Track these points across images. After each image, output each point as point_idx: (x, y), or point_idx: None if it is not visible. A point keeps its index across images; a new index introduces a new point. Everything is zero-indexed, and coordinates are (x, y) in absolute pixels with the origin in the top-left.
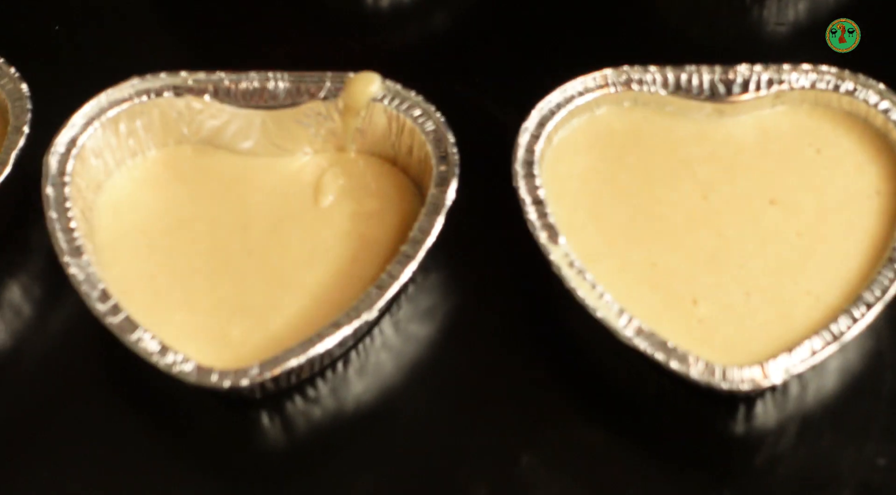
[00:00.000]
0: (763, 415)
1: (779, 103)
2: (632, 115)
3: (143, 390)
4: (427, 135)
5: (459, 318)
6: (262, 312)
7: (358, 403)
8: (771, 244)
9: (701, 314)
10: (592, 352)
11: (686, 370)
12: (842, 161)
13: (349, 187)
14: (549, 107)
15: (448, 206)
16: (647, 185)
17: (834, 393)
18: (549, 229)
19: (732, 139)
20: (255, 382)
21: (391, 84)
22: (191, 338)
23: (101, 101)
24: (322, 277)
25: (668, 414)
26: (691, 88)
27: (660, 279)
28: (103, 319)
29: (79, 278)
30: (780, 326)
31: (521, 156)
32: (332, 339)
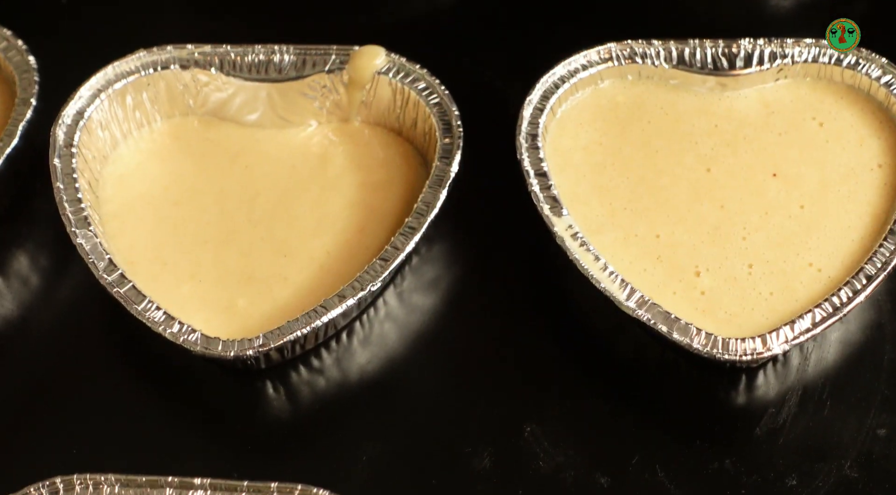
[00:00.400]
0: (764, 386)
1: (781, 77)
2: (635, 88)
3: (149, 360)
4: (432, 108)
5: (463, 289)
6: (269, 282)
7: (362, 373)
8: (773, 216)
9: (703, 285)
10: (595, 323)
11: (688, 341)
12: (844, 134)
13: (356, 157)
14: (553, 80)
15: (452, 179)
16: (651, 158)
17: (835, 365)
18: (552, 201)
19: (735, 112)
20: (259, 352)
21: (396, 57)
22: (197, 308)
23: (108, 73)
24: (329, 247)
25: (670, 385)
26: (694, 62)
27: (663, 251)
28: (110, 289)
29: (86, 248)
30: (782, 298)
31: (525, 129)
32: (337, 310)
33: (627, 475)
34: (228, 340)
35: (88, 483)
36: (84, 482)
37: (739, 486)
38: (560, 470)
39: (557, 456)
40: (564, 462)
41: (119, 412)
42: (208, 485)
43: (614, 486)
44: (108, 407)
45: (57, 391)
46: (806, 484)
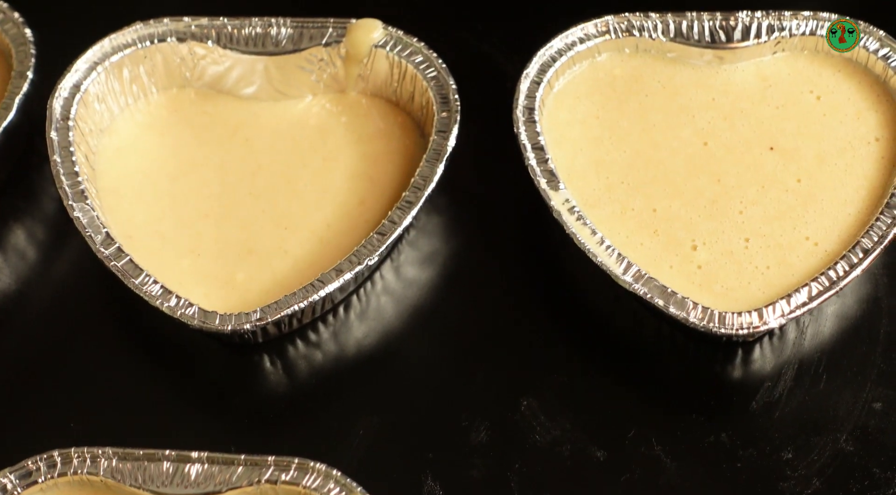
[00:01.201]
0: (761, 360)
1: (779, 50)
2: (632, 61)
3: (146, 333)
4: (429, 81)
5: (460, 263)
6: (269, 256)
7: (359, 347)
8: (770, 190)
9: (700, 259)
10: (592, 297)
11: (685, 315)
12: (841, 107)
13: (355, 128)
14: (551, 53)
15: (449, 153)
16: (648, 132)
17: (831, 338)
18: (549, 175)
19: (733, 86)
20: (256, 326)
21: (393, 30)
22: (196, 282)
23: (105, 46)
24: (330, 219)
25: (667, 359)
26: (692, 35)
27: (659, 225)
28: (107, 263)
29: (83, 222)
30: (779, 272)
31: (522, 103)
32: (334, 284)
33: (624, 448)
34: (226, 314)
35: (86, 456)
36: (81, 455)
37: (735, 459)
38: (557, 444)
39: (554, 429)
40: (561, 435)
41: (116, 386)
42: (205, 459)
43: (611, 460)
44: (105, 381)
45: (54, 365)
46: (802, 457)
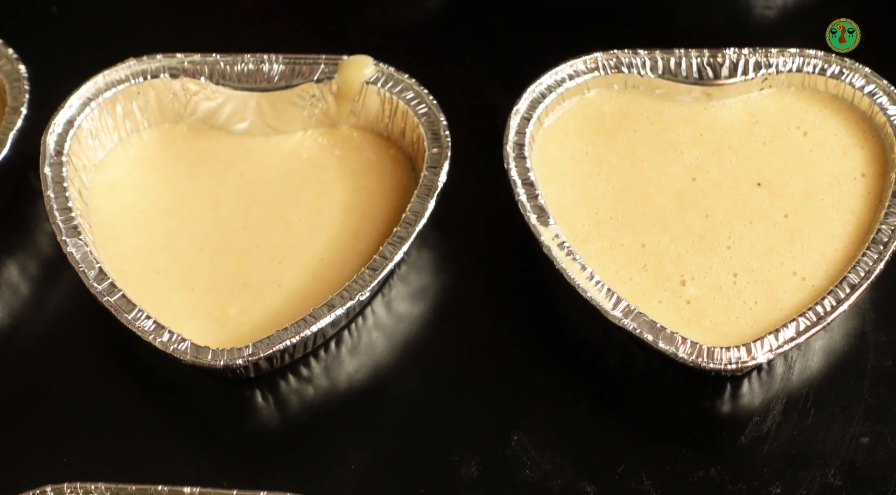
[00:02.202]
0: (749, 394)
1: (766, 86)
2: (621, 97)
3: (139, 368)
4: (420, 117)
5: (451, 298)
6: (262, 289)
7: (350, 382)
8: (758, 225)
9: (689, 294)
10: (582, 331)
11: (674, 350)
12: (828, 143)
13: (347, 162)
14: (540, 89)
15: (440, 189)
16: (637, 167)
17: (819, 373)
18: (539, 210)
19: (720, 122)
20: (248, 361)
21: (384, 67)
22: (189, 316)
23: (98, 82)
24: (323, 253)
25: (656, 393)
26: (680, 72)
27: (648, 260)
28: (100, 298)
29: (76, 257)
30: (767, 307)
31: (512, 138)
32: (325, 320)
33: (614, 483)
34: (218, 349)
35: (79, 491)
36: (74, 491)
37: (725, 494)
38: (547, 479)
39: (544, 464)
40: (551, 470)
41: (109, 420)
42: (198, 494)
43: (601, 494)
44: (98, 416)
45: (47, 399)
46: (790, 491)
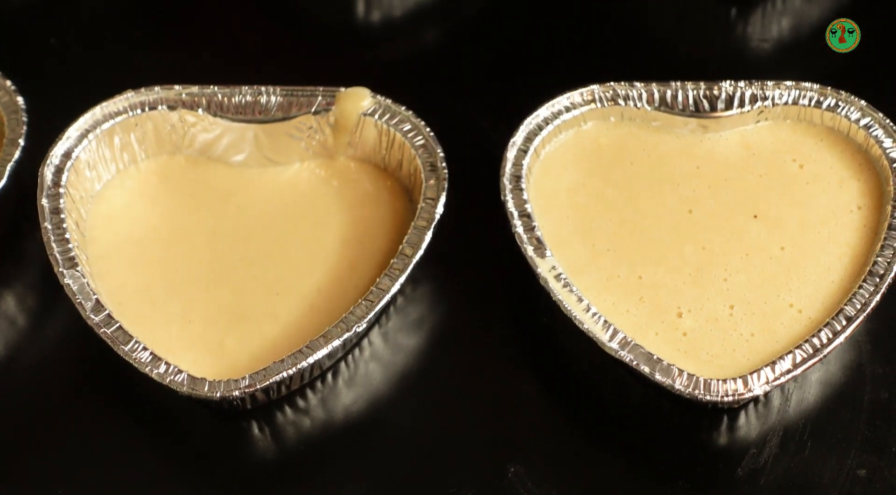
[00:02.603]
0: (746, 426)
1: (762, 119)
2: (618, 129)
3: (135, 400)
4: (417, 149)
5: (447, 330)
6: (259, 321)
7: (347, 414)
8: (754, 258)
9: (685, 326)
10: (579, 363)
11: (671, 382)
12: (824, 176)
13: (345, 193)
14: (537, 121)
15: (437, 221)
16: (633, 199)
17: (816, 405)
18: (536, 242)
19: (717, 154)
20: (245, 393)
21: (382, 99)
22: (185, 348)
23: (96, 113)
24: (321, 285)
25: (652, 425)
26: (676, 104)
27: (645, 292)
28: (97, 330)
29: (73, 289)
30: (763, 339)
31: (509, 170)
32: (322, 351)
33: None
34: (214, 381)
35: None
36: None
37: None
38: None
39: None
40: None
41: (105, 452)
42: None
43: None
44: (94, 448)
45: (42, 431)
46: None
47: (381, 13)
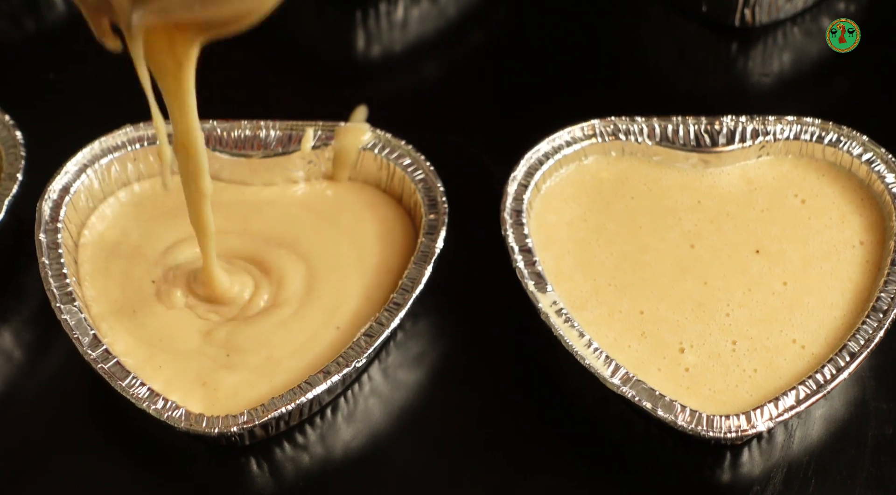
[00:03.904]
0: (749, 463)
1: (763, 154)
2: (619, 164)
3: (132, 436)
4: (417, 183)
5: (448, 365)
6: None
7: (346, 450)
8: (756, 293)
9: (688, 362)
10: (580, 399)
11: (673, 418)
12: (826, 211)
13: (346, 212)
14: (538, 156)
15: (437, 255)
16: (635, 234)
17: (820, 442)
18: (537, 277)
19: (718, 189)
20: (243, 429)
21: (381, 133)
22: (183, 383)
23: (95, 148)
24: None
25: (655, 462)
26: (677, 139)
27: (647, 327)
28: (94, 365)
29: (70, 324)
30: (766, 375)
31: (509, 205)
32: (321, 387)
33: None
34: (213, 417)
35: None
36: None
37: None
38: None
39: None
40: None
41: (101, 489)
42: None
43: None
44: (91, 484)
45: (38, 467)
46: None
47: (381, 47)
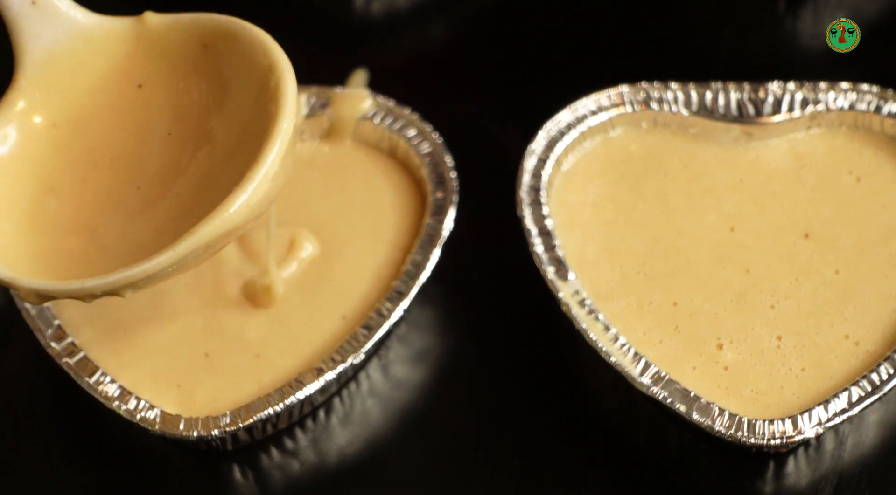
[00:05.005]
0: (795, 474)
1: (814, 126)
2: (650, 137)
3: (101, 439)
4: (423, 158)
5: (456, 362)
6: None
7: (342, 456)
8: (805, 283)
9: (726, 360)
10: (605, 401)
11: (710, 422)
12: (884, 191)
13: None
14: (559, 127)
15: (445, 239)
16: (668, 216)
17: (874, 450)
18: (557, 264)
19: (762, 165)
20: (226, 432)
21: (383, 100)
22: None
23: None
24: None
25: (689, 472)
26: (717, 108)
27: (681, 321)
28: (58, 359)
29: (31, 313)
30: (815, 374)
31: (526, 182)
32: (314, 386)
33: None
34: (191, 418)
35: None
36: None
37: None
38: None
39: None
40: None
41: None
42: None
43: None
44: (57, 492)
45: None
46: None
47: (382, 4)
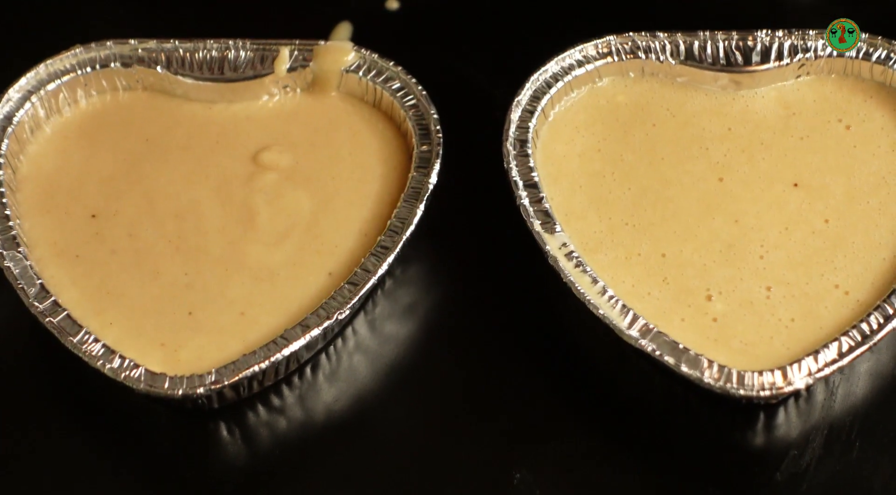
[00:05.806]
0: (785, 425)
1: (803, 73)
2: (638, 86)
3: (86, 398)
4: (407, 110)
5: (443, 317)
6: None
7: (329, 413)
8: (794, 232)
9: (715, 311)
10: (593, 354)
11: (699, 374)
12: (873, 138)
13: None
14: (545, 78)
15: (430, 192)
16: (655, 166)
17: (865, 400)
18: (544, 216)
19: (751, 114)
20: (211, 390)
21: (367, 53)
22: (142, 338)
23: (40, 72)
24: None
25: (679, 424)
26: (705, 57)
27: (669, 272)
28: (42, 319)
29: (14, 272)
30: (805, 324)
31: (512, 134)
32: (299, 342)
33: None
34: (176, 376)
35: None
36: None
37: None
38: None
39: None
40: None
41: (55, 457)
42: None
43: None
44: (42, 453)
45: None
46: None
47: None
